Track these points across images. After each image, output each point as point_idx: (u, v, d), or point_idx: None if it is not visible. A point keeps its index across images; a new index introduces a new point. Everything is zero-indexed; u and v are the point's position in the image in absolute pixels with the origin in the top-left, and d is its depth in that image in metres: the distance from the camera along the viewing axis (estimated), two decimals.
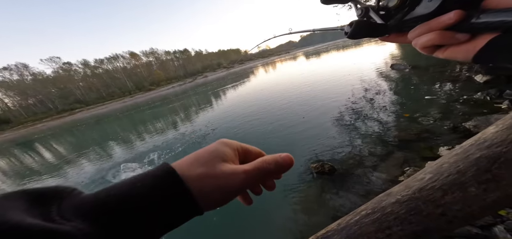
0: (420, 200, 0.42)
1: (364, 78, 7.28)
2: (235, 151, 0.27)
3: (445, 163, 0.45)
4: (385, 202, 0.52)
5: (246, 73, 32.63)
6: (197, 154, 0.25)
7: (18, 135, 33.94)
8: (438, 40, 0.24)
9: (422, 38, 0.25)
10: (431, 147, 2.56)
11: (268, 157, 0.28)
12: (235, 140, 0.29)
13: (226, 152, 0.26)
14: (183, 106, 13.67)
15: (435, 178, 0.43)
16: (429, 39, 0.24)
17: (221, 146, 0.26)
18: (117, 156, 6.06)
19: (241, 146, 0.29)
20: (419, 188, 0.44)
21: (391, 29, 0.28)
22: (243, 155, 0.29)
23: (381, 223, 0.46)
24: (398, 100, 4.51)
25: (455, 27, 0.22)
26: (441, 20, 0.23)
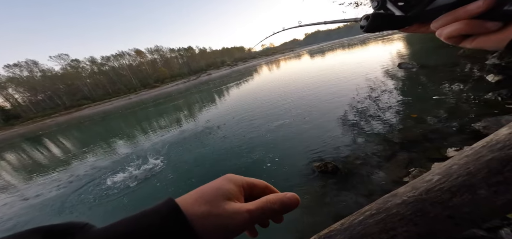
0: (427, 201, 0.41)
1: (370, 77, 7.16)
2: (240, 187, 0.27)
3: (455, 164, 0.44)
4: (391, 203, 0.51)
5: (250, 71, 32.60)
6: (202, 191, 0.25)
7: (28, 130, 34.94)
8: (466, 30, 0.22)
9: (447, 28, 0.23)
10: (438, 148, 2.50)
11: (272, 196, 0.27)
12: (240, 176, 0.29)
13: (231, 190, 0.26)
14: (187, 104, 13.77)
15: (443, 180, 0.42)
16: (456, 29, 0.22)
17: (226, 182, 0.26)
18: (120, 152, 6.17)
19: (247, 182, 0.28)
20: (426, 190, 0.43)
21: (412, 20, 0.26)
22: (248, 190, 0.28)
23: (385, 224, 0.45)
24: (405, 100, 4.42)
25: (484, 15, 0.21)
26: (469, 8, 0.21)
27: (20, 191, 5.14)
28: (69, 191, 4.20)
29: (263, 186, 0.30)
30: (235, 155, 3.90)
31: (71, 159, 6.93)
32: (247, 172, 3.17)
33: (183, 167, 3.96)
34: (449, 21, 0.23)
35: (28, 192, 4.82)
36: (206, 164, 3.88)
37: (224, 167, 3.55)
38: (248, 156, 3.71)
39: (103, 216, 3.04)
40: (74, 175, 5.16)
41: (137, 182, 3.81)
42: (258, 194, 0.28)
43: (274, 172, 3.02)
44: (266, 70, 27.19)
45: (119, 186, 3.83)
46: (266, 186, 0.30)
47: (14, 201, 4.50)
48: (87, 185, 4.25)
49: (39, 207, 3.87)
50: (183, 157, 4.47)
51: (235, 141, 4.55)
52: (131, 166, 4.59)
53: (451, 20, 0.22)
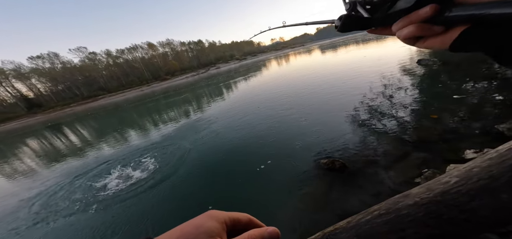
0: (442, 204, 0.38)
1: (385, 74, 6.85)
2: (222, 224, 0.27)
3: (476, 167, 0.41)
4: (402, 204, 0.49)
5: (258, 65, 32.33)
6: (182, 230, 0.25)
7: (49, 118, 37.22)
8: (418, 32, 0.26)
9: (404, 30, 0.27)
10: (456, 149, 2.37)
11: (255, 231, 0.27)
12: (223, 211, 0.29)
13: (213, 227, 0.25)
14: (195, 97, 13.97)
15: (462, 183, 0.39)
16: (410, 31, 0.26)
17: (207, 220, 0.26)
18: (131, 142, 6.42)
19: (229, 217, 0.28)
20: (442, 192, 0.41)
21: (377, 22, 0.30)
22: (231, 225, 0.28)
23: (394, 224, 0.43)
24: (422, 98, 4.20)
25: (432, 20, 0.25)
26: (419, 13, 0.25)
27: (41, 176, 5.53)
28: (69, 179, 4.47)
29: (246, 220, 0.30)
30: (242, 148, 3.93)
31: (86, 146, 7.32)
32: (254, 165, 3.20)
33: (191, 158, 4.06)
34: (405, 24, 0.27)
35: (48, 177, 5.18)
36: (217, 155, 3.94)
37: (231, 158, 3.60)
38: (255, 151, 3.72)
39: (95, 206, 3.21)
40: (86, 161, 5.46)
41: (145, 172, 3.97)
42: (242, 229, 0.28)
43: (281, 167, 3.02)
44: (275, 64, 26.84)
45: (125, 177, 4.02)
46: (249, 220, 0.30)
47: (34, 185, 4.86)
48: (85, 176, 4.49)
49: (53, 192, 4.16)
50: (191, 151, 4.57)
51: (243, 136, 4.58)
52: (135, 160, 4.77)
53: (407, 23, 0.27)
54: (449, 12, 0.23)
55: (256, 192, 2.62)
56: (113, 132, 8.76)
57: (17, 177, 5.83)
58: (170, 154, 4.57)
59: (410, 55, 9.59)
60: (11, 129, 29.94)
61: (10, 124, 45.32)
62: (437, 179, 0.47)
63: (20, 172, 6.34)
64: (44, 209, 3.52)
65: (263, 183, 2.76)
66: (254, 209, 2.34)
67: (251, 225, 0.30)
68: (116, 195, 3.38)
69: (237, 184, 2.87)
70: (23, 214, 3.53)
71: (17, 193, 4.54)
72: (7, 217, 3.58)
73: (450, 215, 0.36)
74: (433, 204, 0.40)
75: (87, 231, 2.70)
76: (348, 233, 0.55)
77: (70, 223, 2.97)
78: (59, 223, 3.02)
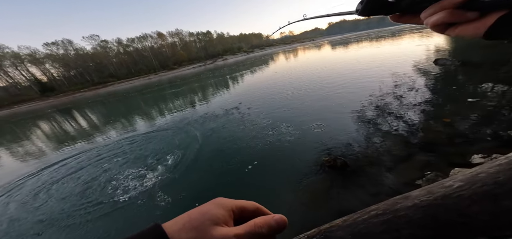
0: (442, 207, 0.37)
1: (398, 73, 6.62)
2: (229, 211, 0.27)
3: (482, 173, 0.39)
4: (400, 205, 0.48)
5: (266, 58, 31.96)
6: (189, 216, 0.25)
7: (60, 102, 38.53)
8: (449, 18, 0.24)
9: (434, 17, 0.25)
10: (463, 153, 2.30)
11: (260, 219, 0.27)
12: (230, 199, 0.29)
13: (219, 214, 0.26)
14: (202, 87, 14.03)
15: (465, 187, 0.37)
16: (441, 17, 0.25)
17: (214, 207, 0.26)
18: (137, 127, 6.57)
19: (236, 205, 0.28)
20: (443, 195, 0.39)
21: (404, 8, 0.28)
22: (238, 213, 0.28)
23: (390, 224, 0.43)
24: (434, 100, 4.05)
25: (465, 5, 0.23)
26: None
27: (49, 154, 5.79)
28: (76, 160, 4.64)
29: (253, 208, 0.30)
30: (239, 143, 3.95)
31: (93, 131, 7.57)
32: (252, 159, 3.22)
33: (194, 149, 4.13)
34: (436, 10, 0.25)
35: (54, 156, 5.42)
36: (215, 147, 3.99)
37: (229, 152, 3.63)
38: (254, 145, 3.73)
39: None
40: (94, 144, 5.65)
41: (151, 157, 4.08)
42: (249, 216, 0.28)
43: (280, 162, 3.02)
44: (283, 58, 26.44)
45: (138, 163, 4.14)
46: (256, 208, 0.30)
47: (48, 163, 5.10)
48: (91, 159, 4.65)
49: (63, 172, 4.35)
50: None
51: (246, 128, 4.59)
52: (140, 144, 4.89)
53: (437, 10, 0.25)
54: None
55: (255, 184, 2.65)
56: (112, 120, 8.98)
57: (24, 157, 6.14)
58: (174, 140, 4.66)
59: (426, 54, 9.20)
60: (25, 111, 31.29)
61: (24, 106, 47.25)
62: (440, 183, 0.45)
63: (24, 154, 6.65)
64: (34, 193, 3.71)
65: (262, 176, 2.78)
66: (252, 199, 2.37)
67: (258, 213, 0.30)
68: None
69: (235, 176, 2.91)
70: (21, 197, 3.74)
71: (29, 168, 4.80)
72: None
73: (447, 218, 0.35)
74: (432, 207, 0.38)
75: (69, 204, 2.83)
76: (344, 231, 0.55)
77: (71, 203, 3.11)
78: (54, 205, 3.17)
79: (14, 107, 46.31)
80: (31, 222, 2.87)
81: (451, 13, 0.24)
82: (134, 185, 3.24)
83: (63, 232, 2.54)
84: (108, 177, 3.67)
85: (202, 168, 3.35)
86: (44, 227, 2.72)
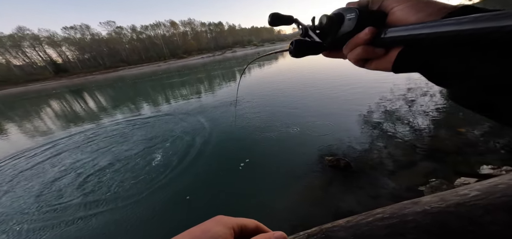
0: (454, 215, 0.35)
1: (412, 76, 6.38)
2: (230, 229, 0.28)
3: (502, 183, 0.36)
4: (409, 210, 0.46)
5: (276, 54, 31.51)
6: (190, 234, 0.26)
7: (72, 83, 39.71)
8: (363, 54, 0.27)
9: (352, 53, 0.28)
10: (471, 163, 2.24)
11: (260, 237, 0.28)
12: (231, 217, 0.29)
13: (220, 232, 0.26)
14: (209, 77, 14.08)
15: (482, 197, 0.35)
16: (357, 54, 0.27)
17: (215, 225, 0.27)
18: (144, 112, 6.71)
19: (237, 223, 0.29)
20: (456, 203, 0.37)
21: (328, 46, 0.31)
22: (239, 232, 0.29)
23: (395, 229, 0.41)
24: (447, 107, 3.89)
25: (373, 42, 0.26)
26: (360, 36, 0.26)
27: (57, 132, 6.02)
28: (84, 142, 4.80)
29: (254, 226, 0.30)
30: (242, 139, 3.96)
31: (101, 112, 7.79)
32: (255, 153, 3.23)
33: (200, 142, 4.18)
34: (351, 46, 0.28)
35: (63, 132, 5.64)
36: (214, 142, 4.02)
37: (232, 143, 3.65)
38: (256, 140, 3.73)
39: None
40: (99, 128, 5.83)
41: (160, 144, 4.17)
42: (249, 234, 0.29)
43: (282, 158, 3.01)
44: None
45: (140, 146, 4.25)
46: (256, 226, 0.31)
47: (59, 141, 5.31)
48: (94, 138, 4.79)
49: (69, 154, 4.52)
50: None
51: (246, 124, 4.59)
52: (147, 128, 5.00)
53: (353, 46, 0.27)
54: (384, 34, 0.24)
55: (254, 180, 2.65)
56: (106, 107, 9.19)
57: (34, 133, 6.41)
58: (179, 130, 4.74)
59: None
60: (38, 89, 32.49)
61: (38, 84, 49.08)
62: (454, 191, 0.43)
63: (34, 132, 6.94)
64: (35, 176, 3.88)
65: (261, 172, 2.79)
66: (253, 195, 2.39)
67: (258, 231, 0.30)
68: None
69: (232, 172, 2.91)
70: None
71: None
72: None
73: (457, 226, 0.33)
74: (443, 214, 0.37)
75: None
76: (346, 232, 0.54)
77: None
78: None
79: (28, 85, 48.23)
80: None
81: (364, 50, 0.26)
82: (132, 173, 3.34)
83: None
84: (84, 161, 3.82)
85: (200, 165, 3.39)
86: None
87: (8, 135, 6.76)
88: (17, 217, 2.62)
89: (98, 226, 2.29)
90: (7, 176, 3.73)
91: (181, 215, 2.27)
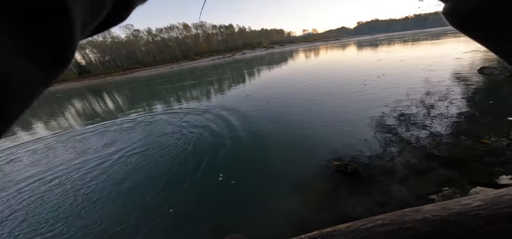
0: (453, 224, 0.34)
1: (431, 79, 6.07)
2: None
3: (508, 195, 0.35)
4: (409, 217, 0.45)
5: (285, 56, 31.39)
6: None
7: (93, 83, 42.21)
8: None
9: None
10: (490, 172, 2.10)
11: None
12: (242, 236, 0.28)
13: None
14: (219, 80, 14.32)
15: (484, 206, 0.34)
16: None
17: None
18: (157, 110, 6.97)
19: None
20: (458, 213, 0.36)
21: None
22: None
23: (394, 236, 0.41)
24: (470, 114, 3.65)
25: None
26: None
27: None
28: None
29: None
30: (250, 140, 3.98)
31: (117, 112, 8.20)
32: (264, 153, 3.23)
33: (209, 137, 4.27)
34: None
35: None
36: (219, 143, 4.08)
37: (238, 147, 3.69)
38: (263, 141, 3.73)
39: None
40: (115, 132, 6.14)
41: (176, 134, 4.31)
42: None
43: (289, 160, 3.00)
44: (303, 57, 25.74)
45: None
46: None
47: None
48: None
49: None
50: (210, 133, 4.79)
51: (254, 124, 4.61)
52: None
53: None
54: None
55: (262, 181, 2.67)
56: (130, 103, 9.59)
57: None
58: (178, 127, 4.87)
59: (471, 61, 8.21)
60: (64, 89, 34.90)
61: (63, 84, 52.69)
62: (457, 200, 0.42)
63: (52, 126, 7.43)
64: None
65: (269, 173, 2.79)
66: (258, 195, 2.40)
67: None
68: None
69: (243, 169, 2.95)
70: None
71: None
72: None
73: (454, 234, 0.32)
74: (443, 223, 0.36)
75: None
76: (346, 237, 0.53)
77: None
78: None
79: (55, 86, 52.21)
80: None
81: None
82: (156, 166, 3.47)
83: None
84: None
85: (206, 167, 3.46)
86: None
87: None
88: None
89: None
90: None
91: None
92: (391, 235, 0.41)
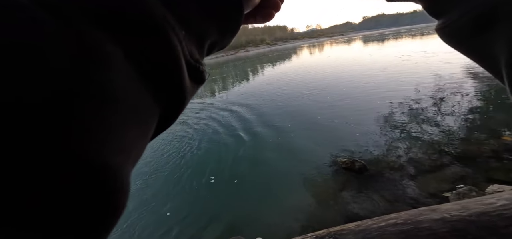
0: (475, 224, 0.32)
1: (442, 74, 5.85)
2: None
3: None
4: (425, 217, 0.43)
5: (289, 52, 31.10)
6: None
7: None
8: None
9: None
10: (509, 170, 2.00)
11: None
12: None
13: None
14: (223, 78, 14.35)
15: (509, 206, 0.32)
16: None
17: None
18: None
19: None
20: (480, 213, 0.34)
21: None
22: None
23: (408, 236, 0.39)
24: (483, 108, 3.51)
25: None
26: None
27: None
28: None
29: None
30: (253, 136, 3.97)
31: None
32: (271, 150, 3.23)
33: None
34: None
35: None
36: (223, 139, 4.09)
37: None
38: (268, 136, 3.72)
39: None
40: None
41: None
42: None
43: (298, 160, 2.97)
44: (307, 53, 25.41)
45: None
46: None
47: None
48: None
49: None
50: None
51: (256, 121, 4.60)
52: None
53: None
54: None
55: (267, 176, 2.66)
56: None
57: None
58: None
59: None
60: None
61: None
62: (479, 199, 0.40)
63: None
64: None
65: (274, 168, 2.78)
66: (265, 192, 2.39)
67: None
68: None
69: (247, 167, 2.94)
70: None
71: None
72: None
73: (476, 235, 0.30)
74: (462, 223, 0.34)
75: None
76: (355, 236, 0.52)
77: None
78: None
79: None
80: None
81: None
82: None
83: None
84: None
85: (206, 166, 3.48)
86: None
87: None
88: None
89: None
90: None
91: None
92: (405, 235, 0.39)
